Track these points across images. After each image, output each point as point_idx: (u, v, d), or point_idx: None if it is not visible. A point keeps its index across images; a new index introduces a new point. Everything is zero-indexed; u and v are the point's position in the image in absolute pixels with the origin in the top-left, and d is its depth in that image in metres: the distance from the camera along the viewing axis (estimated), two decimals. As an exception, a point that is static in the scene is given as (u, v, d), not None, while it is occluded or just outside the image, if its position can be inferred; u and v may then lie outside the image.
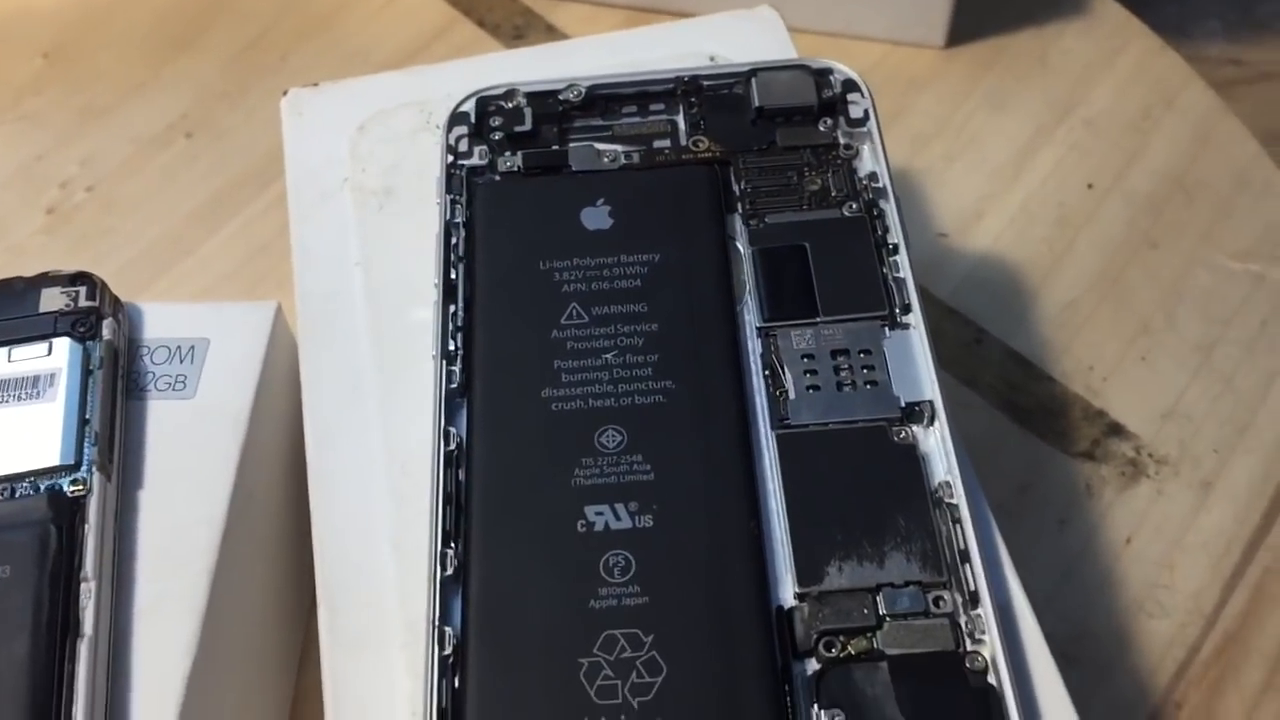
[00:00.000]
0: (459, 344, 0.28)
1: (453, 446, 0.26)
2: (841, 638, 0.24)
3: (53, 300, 0.30)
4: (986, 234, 0.43)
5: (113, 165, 0.47)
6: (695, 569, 0.25)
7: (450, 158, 0.31)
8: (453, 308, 0.29)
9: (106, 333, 0.29)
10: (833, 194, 0.30)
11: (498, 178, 0.31)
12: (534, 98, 0.32)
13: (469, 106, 0.32)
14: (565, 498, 0.26)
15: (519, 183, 0.31)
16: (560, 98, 0.32)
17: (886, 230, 0.29)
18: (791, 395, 0.27)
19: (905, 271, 0.29)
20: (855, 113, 0.32)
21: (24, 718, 0.24)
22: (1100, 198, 0.44)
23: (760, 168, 0.31)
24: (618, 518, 0.25)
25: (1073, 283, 0.42)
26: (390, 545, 0.27)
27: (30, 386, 0.28)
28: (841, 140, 0.31)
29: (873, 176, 0.30)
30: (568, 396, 0.27)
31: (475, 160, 0.31)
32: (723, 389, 0.27)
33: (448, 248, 0.30)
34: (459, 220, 0.30)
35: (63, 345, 0.29)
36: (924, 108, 0.46)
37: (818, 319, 0.28)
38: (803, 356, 0.28)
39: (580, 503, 0.26)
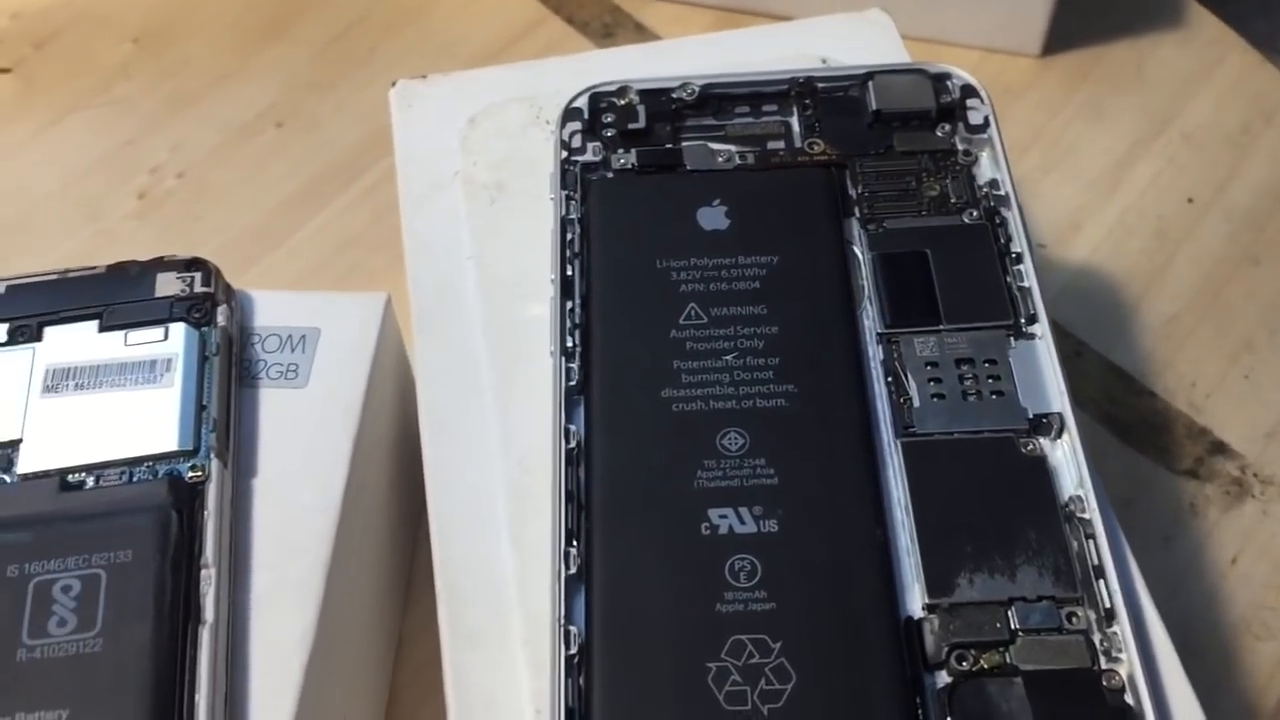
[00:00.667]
0: (577, 341, 0.28)
1: (573, 444, 0.26)
2: (973, 651, 0.24)
3: (168, 285, 0.30)
4: (1084, 245, 0.43)
5: (203, 152, 0.47)
6: (822, 576, 0.24)
7: (564, 153, 0.31)
8: (570, 304, 0.28)
9: (221, 319, 0.29)
10: (952, 200, 0.30)
11: (611, 175, 0.31)
12: (647, 95, 0.32)
13: (582, 103, 0.32)
14: (688, 500, 0.25)
15: (634, 180, 0.31)
16: (674, 96, 0.32)
17: (1009, 239, 0.29)
18: (916, 403, 0.27)
19: (1030, 280, 0.28)
20: (975, 119, 0.31)
21: (148, 703, 0.24)
22: (1200, 212, 0.43)
23: (877, 172, 0.31)
24: (742, 521, 0.25)
25: (1173, 297, 0.41)
26: (509, 539, 0.26)
27: (147, 371, 0.28)
28: (960, 146, 0.31)
29: (993, 184, 0.30)
30: (688, 397, 0.27)
31: (589, 156, 0.31)
32: (845, 394, 0.27)
33: (563, 244, 0.29)
34: (574, 216, 0.30)
35: (179, 330, 0.29)
36: (1019, 116, 0.46)
37: (941, 326, 0.28)
38: (926, 364, 0.27)
39: (703, 505, 0.25)
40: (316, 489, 0.28)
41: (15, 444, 0.27)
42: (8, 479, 0.27)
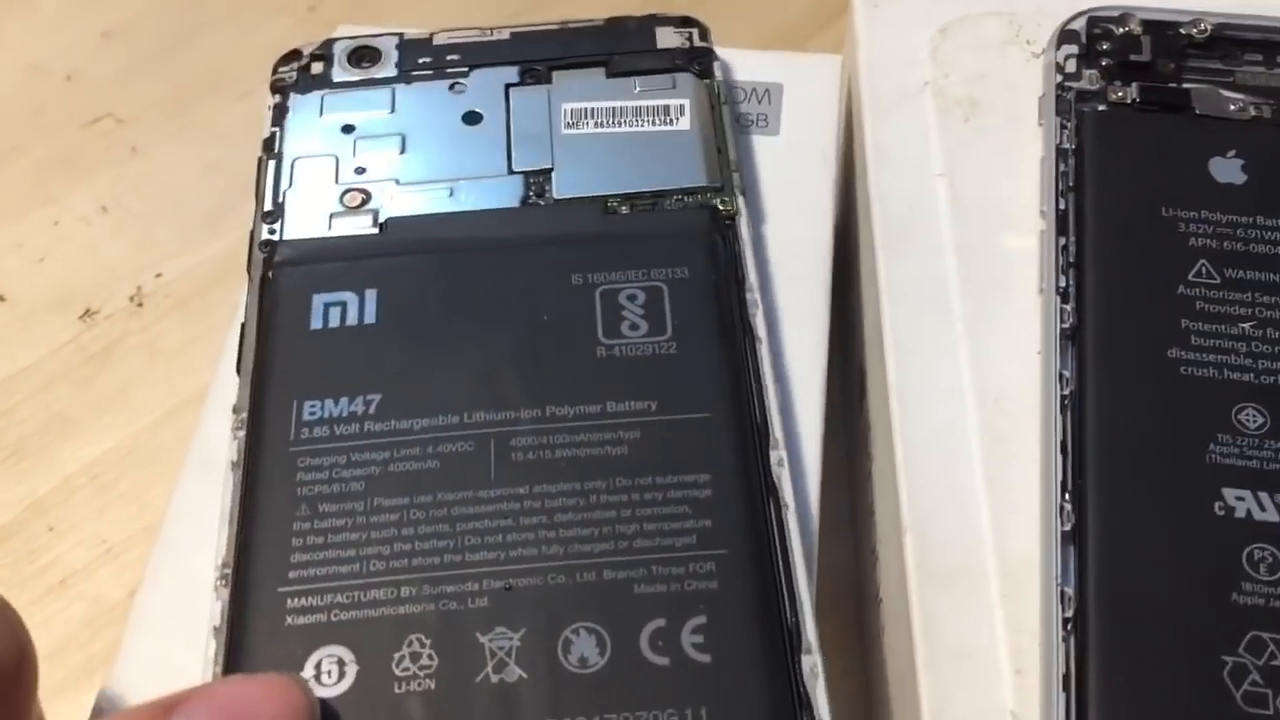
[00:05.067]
0: (1070, 281, 0.26)
1: (1066, 392, 0.24)
2: None
3: (668, 38, 0.31)
4: None
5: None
6: (1360, 585, 0.22)
7: (1059, 78, 0.28)
8: (1064, 241, 0.26)
9: (718, 72, 0.30)
10: None
11: (1104, 107, 0.28)
12: (1151, 26, 0.29)
13: (1079, 25, 0.29)
14: (1198, 474, 0.23)
15: (1135, 117, 0.28)
16: (1181, 31, 0.29)
17: None
18: None
19: None
20: None
21: (728, 402, 0.24)
22: None
23: None
24: (1262, 508, 0.23)
25: None
26: (983, 480, 0.24)
27: (661, 115, 0.29)
28: None
29: None
30: (1199, 362, 0.24)
31: (1085, 85, 0.28)
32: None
33: (1058, 175, 0.27)
34: (1068, 147, 0.27)
35: (686, 80, 0.30)
36: None
37: None
38: None
39: (1217, 483, 0.23)
40: (807, 224, 0.29)
41: (547, 172, 0.28)
42: (542, 202, 0.28)
